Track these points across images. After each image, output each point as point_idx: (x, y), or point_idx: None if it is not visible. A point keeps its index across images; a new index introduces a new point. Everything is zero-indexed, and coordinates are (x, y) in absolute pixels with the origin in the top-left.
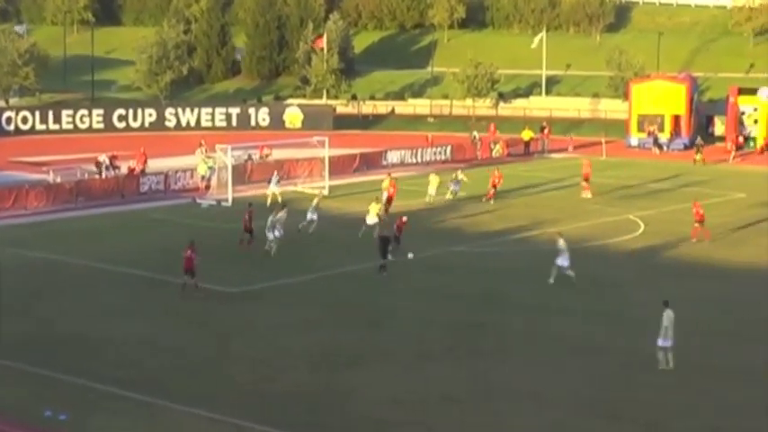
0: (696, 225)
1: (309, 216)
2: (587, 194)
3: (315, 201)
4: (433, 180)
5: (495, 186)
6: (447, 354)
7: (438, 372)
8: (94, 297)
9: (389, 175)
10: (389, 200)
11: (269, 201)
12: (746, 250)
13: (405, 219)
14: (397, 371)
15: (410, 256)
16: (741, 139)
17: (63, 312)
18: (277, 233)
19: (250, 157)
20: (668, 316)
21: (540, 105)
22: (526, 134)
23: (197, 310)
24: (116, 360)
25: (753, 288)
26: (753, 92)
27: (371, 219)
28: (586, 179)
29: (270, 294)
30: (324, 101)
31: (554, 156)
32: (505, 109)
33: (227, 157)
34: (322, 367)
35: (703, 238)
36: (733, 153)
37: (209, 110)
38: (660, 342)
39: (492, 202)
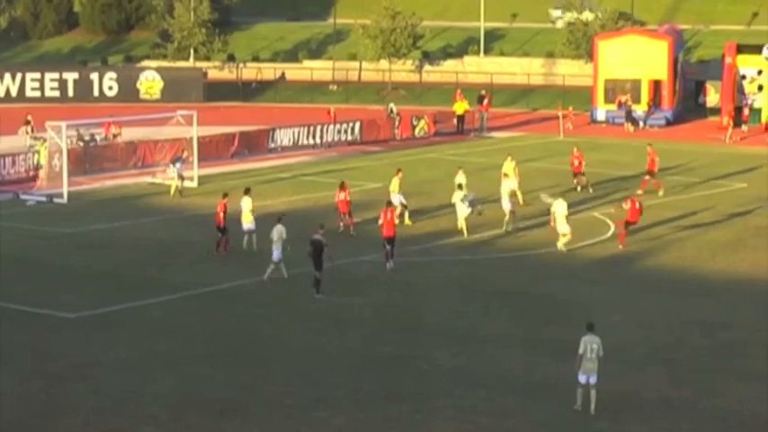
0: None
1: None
2: (659, 192)
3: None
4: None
5: (578, 171)
6: (349, 398)
7: (338, 423)
8: None
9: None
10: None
11: (172, 192)
12: (746, 257)
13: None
14: (285, 421)
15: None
16: (746, 111)
17: None
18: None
19: (93, 138)
20: (586, 342)
21: (477, 68)
22: (459, 106)
23: (16, 343)
24: None
25: (749, 307)
26: (756, 49)
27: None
28: (651, 172)
29: (118, 321)
30: (191, 63)
31: (495, 135)
32: (432, 73)
33: (60, 138)
34: (186, 417)
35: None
36: (730, 130)
37: (37, 75)
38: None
39: (591, 190)
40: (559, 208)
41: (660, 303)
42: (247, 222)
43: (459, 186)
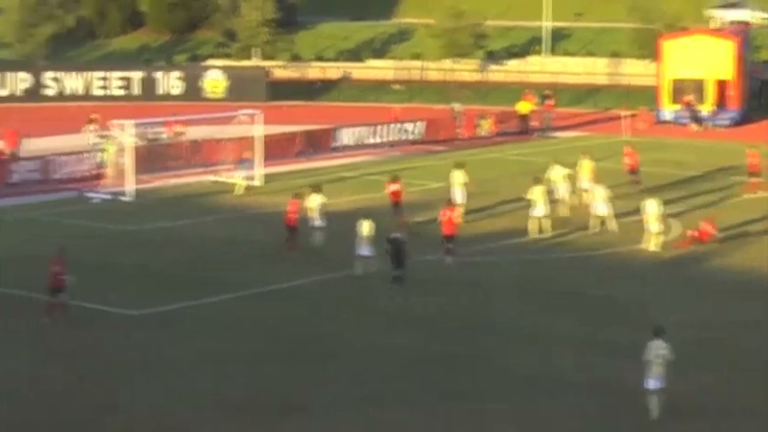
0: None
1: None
2: (755, 193)
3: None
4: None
5: (634, 169)
6: (410, 396)
7: (399, 421)
8: None
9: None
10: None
11: (238, 190)
12: None
13: None
14: (346, 419)
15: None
16: None
17: None
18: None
19: (158, 137)
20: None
21: (541, 68)
22: (523, 106)
23: (78, 340)
24: None
25: None
26: None
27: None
28: (754, 172)
29: (180, 319)
30: (255, 62)
31: (560, 135)
32: (496, 73)
33: (126, 136)
34: (247, 415)
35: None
36: None
37: (103, 74)
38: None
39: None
40: (650, 207)
41: (721, 305)
42: (315, 219)
43: (539, 180)
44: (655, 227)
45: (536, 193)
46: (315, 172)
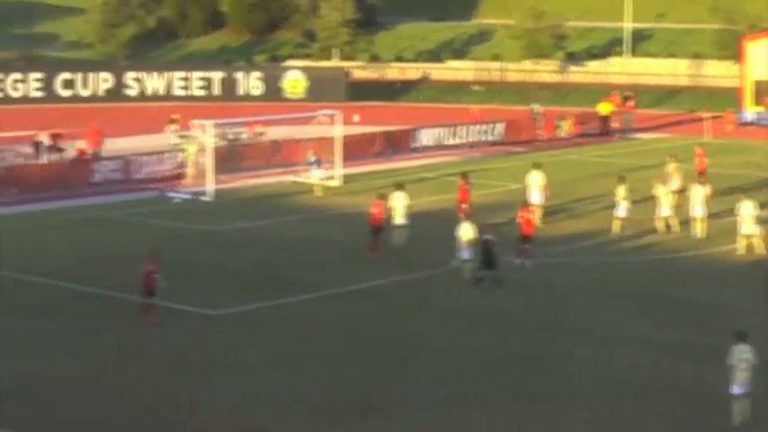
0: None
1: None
2: None
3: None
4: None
5: (701, 171)
6: (490, 397)
7: (478, 421)
8: (23, 322)
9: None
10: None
11: (316, 192)
12: None
13: None
14: (426, 419)
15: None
16: None
17: None
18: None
19: (237, 137)
20: (737, 352)
21: (622, 69)
22: (604, 107)
23: (158, 339)
24: (42, 408)
25: None
26: None
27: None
28: None
29: (259, 319)
30: (335, 63)
31: (640, 136)
32: (576, 74)
33: (206, 136)
34: (326, 416)
35: None
36: None
37: (184, 74)
38: (734, 389)
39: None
40: (745, 209)
41: None
42: (400, 218)
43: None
44: (749, 228)
45: (621, 193)
46: (394, 173)
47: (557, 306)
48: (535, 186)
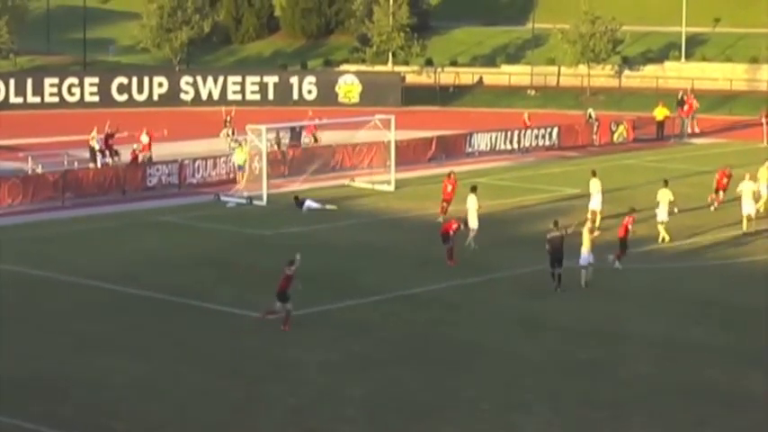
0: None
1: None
2: None
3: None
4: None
5: (722, 188)
6: (545, 403)
7: (534, 428)
8: (80, 326)
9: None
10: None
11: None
12: None
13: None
14: (480, 425)
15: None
16: None
17: (38, 346)
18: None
19: (295, 140)
20: None
21: (678, 73)
22: (660, 112)
23: (215, 341)
24: (105, 408)
25: None
26: None
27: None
28: None
29: (314, 323)
30: (389, 67)
31: (696, 141)
32: (632, 78)
33: (260, 140)
34: (381, 419)
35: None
36: None
37: (238, 78)
38: None
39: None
40: None
41: None
42: (473, 220)
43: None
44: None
45: (662, 197)
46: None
47: (615, 312)
48: (596, 192)
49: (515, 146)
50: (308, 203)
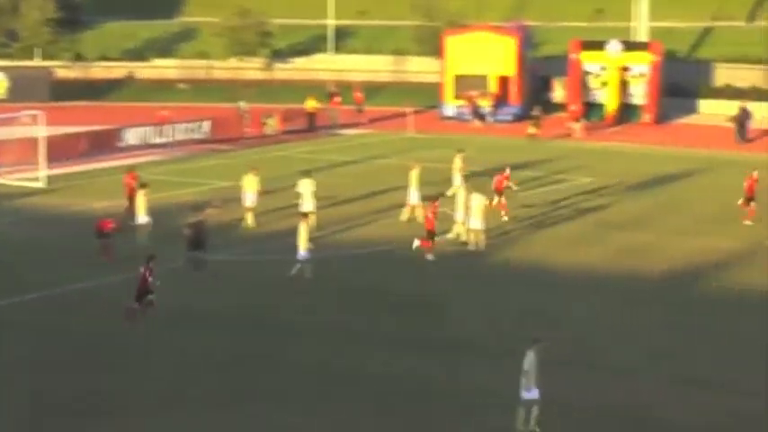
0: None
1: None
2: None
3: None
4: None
5: (499, 190)
6: (205, 398)
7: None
8: None
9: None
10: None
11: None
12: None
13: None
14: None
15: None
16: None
17: None
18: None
19: None
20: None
21: (327, 65)
22: (310, 104)
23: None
24: None
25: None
26: (599, 46)
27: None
28: (750, 197)
29: None
30: (37, 62)
31: (345, 132)
32: (284, 71)
33: None
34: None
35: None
36: (579, 125)
37: None
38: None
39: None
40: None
41: (505, 296)
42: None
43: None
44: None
45: (303, 187)
46: (101, 172)
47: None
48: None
49: (167, 140)
50: None
